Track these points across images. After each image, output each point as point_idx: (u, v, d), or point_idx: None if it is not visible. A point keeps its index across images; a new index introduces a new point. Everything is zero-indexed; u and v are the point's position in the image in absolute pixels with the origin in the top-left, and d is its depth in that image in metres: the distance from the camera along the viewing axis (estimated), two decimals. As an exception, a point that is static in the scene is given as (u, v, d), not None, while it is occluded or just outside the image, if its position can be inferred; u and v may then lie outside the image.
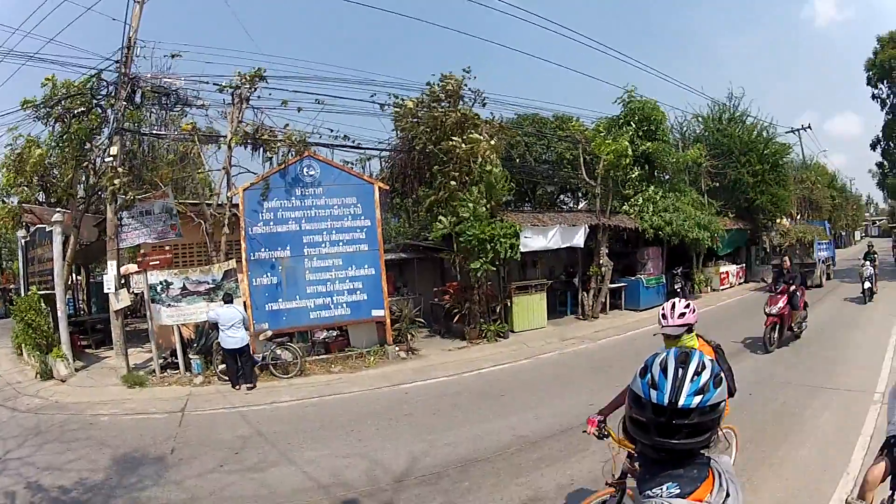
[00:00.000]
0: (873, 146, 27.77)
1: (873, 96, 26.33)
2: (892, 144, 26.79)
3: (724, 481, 1.73)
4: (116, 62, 12.96)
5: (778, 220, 32.41)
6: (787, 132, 40.70)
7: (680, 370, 1.71)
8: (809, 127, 43.68)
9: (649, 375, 1.76)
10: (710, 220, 21.79)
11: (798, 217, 39.34)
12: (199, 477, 6.58)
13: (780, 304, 12.58)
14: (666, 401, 1.67)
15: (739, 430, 5.85)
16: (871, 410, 8.20)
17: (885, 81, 25.35)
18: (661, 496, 1.67)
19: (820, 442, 7.26)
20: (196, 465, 7.00)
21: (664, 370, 1.73)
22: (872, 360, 11.26)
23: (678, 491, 1.66)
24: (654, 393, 1.70)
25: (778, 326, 12.63)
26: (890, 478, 4.19)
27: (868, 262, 19.10)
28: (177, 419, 9.16)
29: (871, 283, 18.65)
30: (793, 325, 13.25)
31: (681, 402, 1.66)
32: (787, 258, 15.61)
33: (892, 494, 4.14)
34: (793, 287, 13.04)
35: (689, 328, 4.68)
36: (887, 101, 25.96)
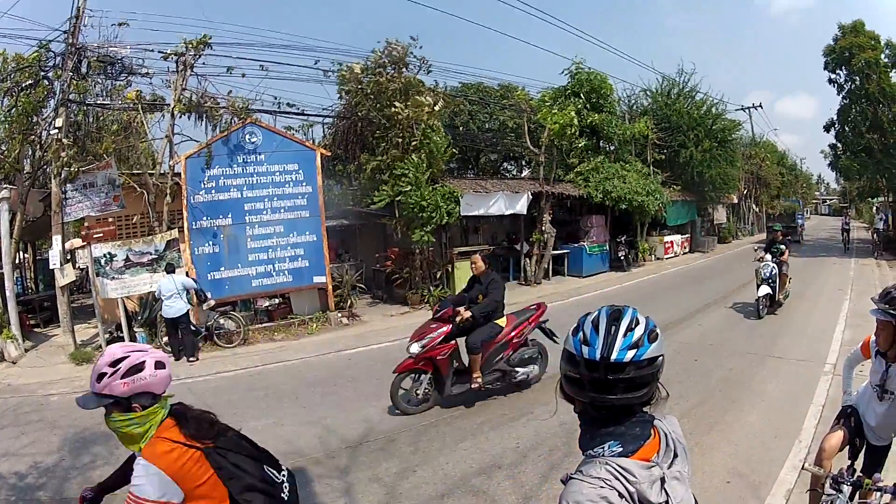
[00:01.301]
0: (827, 128, 28.48)
1: (830, 80, 26.93)
2: (846, 128, 27.46)
3: (672, 442, 1.72)
4: (65, 32, 12.69)
5: (725, 195, 33.23)
6: (737, 110, 41.70)
7: (612, 326, 1.68)
8: (760, 106, 44.78)
9: (581, 332, 1.72)
10: (655, 188, 22.21)
11: (745, 192, 40.32)
12: None
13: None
14: (598, 356, 1.64)
15: (685, 396, 6.04)
16: (821, 380, 8.26)
17: (843, 67, 25.95)
18: (603, 454, 1.63)
19: (769, 409, 7.32)
20: None
21: (596, 327, 1.70)
22: (823, 331, 11.33)
23: (621, 449, 1.63)
24: (586, 349, 1.67)
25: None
26: (848, 448, 4.16)
27: (770, 257, 13.27)
28: None
29: (773, 288, 12.82)
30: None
31: (613, 357, 1.63)
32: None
33: (852, 464, 4.14)
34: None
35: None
36: (844, 86, 26.60)
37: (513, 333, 7.85)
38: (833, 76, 26.78)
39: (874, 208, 41.56)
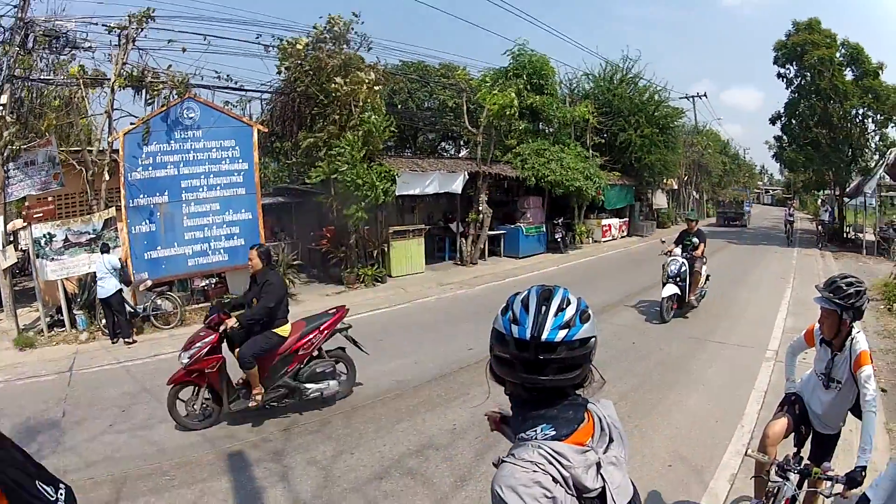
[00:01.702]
0: (773, 121, 29.35)
1: (779, 75, 27.83)
2: (793, 121, 28.31)
3: (606, 426, 1.69)
4: (14, 7, 12.38)
5: (665, 181, 34.10)
6: (681, 98, 42.66)
7: (543, 306, 1.64)
8: (705, 95, 46.13)
9: (510, 312, 1.68)
10: (593, 171, 22.69)
11: (686, 178, 41.37)
12: (91, 440, 6.52)
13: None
14: (528, 335, 1.60)
15: (623, 378, 6.12)
16: (763, 366, 8.40)
17: (794, 63, 26.74)
18: (535, 438, 1.60)
19: (710, 393, 7.37)
20: (87, 427, 6.91)
21: (525, 306, 1.66)
22: (765, 317, 11.55)
23: (554, 433, 1.60)
24: (515, 328, 1.63)
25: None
26: (793, 435, 4.18)
27: (679, 251, 11.84)
28: (65, 379, 8.98)
29: (681, 287, 11.30)
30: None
31: (544, 336, 1.59)
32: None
33: (798, 451, 4.14)
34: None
35: None
36: (794, 80, 27.46)
37: (299, 344, 6.85)
38: (783, 70, 27.69)
39: (819, 200, 42.85)
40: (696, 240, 11.99)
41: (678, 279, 11.26)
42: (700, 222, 15.18)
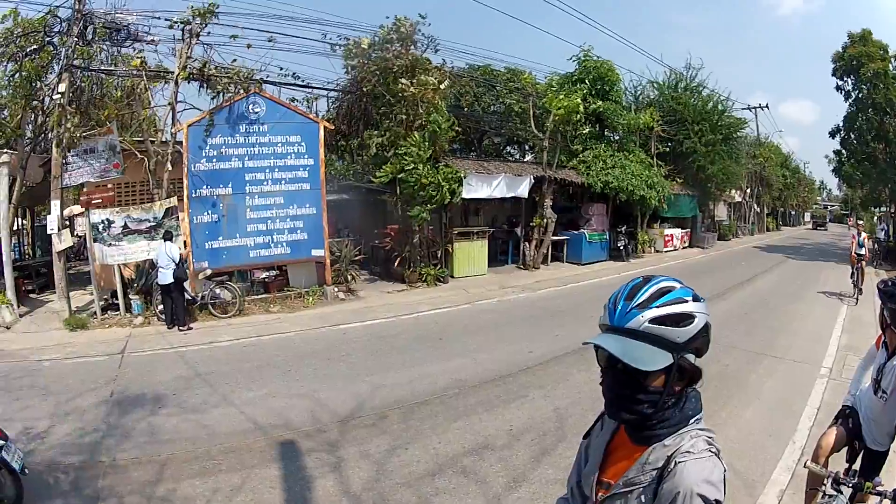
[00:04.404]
0: (832, 134, 28.66)
1: (837, 87, 27.18)
2: (851, 135, 27.63)
3: None
4: None
5: (727, 192, 33.23)
6: (743, 109, 41.61)
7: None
8: (767, 106, 44.70)
9: None
10: (657, 180, 22.18)
11: (748, 191, 40.32)
12: (139, 421, 6.50)
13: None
14: None
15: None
16: (817, 383, 8.23)
17: (851, 75, 26.09)
18: (697, 425, 1.54)
19: (764, 408, 7.25)
20: (136, 408, 6.90)
21: None
22: (821, 334, 11.29)
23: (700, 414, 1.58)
24: None
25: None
26: (846, 449, 4.09)
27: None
28: (117, 361, 9.03)
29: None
30: None
31: None
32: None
33: (850, 467, 3.99)
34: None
35: None
36: (851, 93, 26.77)
37: None
38: (840, 83, 26.95)
39: (875, 217, 41.64)
40: None
41: None
42: (754, 235, 15.66)
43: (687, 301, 1.50)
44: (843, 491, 3.48)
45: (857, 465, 4.02)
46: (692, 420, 1.52)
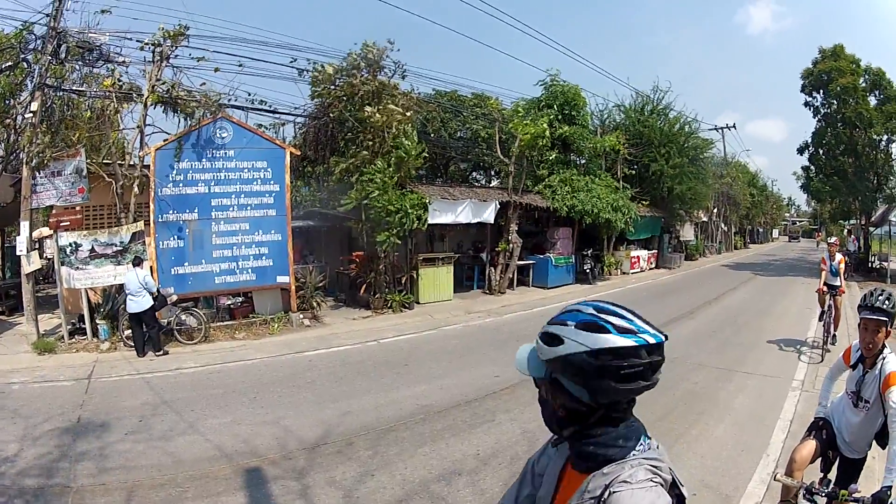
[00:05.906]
0: (801, 151, 29.20)
1: (806, 104, 27.70)
2: (820, 150, 28.16)
3: None
4: (47, 15, 12.50)
5: (694, 212, 33.73)
6: (710, 129, 42.41)
7: (625, 310, 1.55)
8: (734, 126, 45.68)
9: (614, 325, 1.49)
10: (623, 203, 22.47)
11: (715, 211, 40.96)
12: (105, 447, 6.50)
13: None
14: (661, 335, 1.51)
15: (650, 408, 5.98)
16: (789, 396, 8.36)
17: (820, 90, 26.59)
18: (643, 452, 1.54)
19: (736, 423, 7.36)
20: (103, 434, 6.91)
21: (621, 315, 1.52)
22: (791, 348, 11.59)
23: (649, 440, 1.60)
24: (647, 334, 1.48)
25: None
26: (820, 460, 4.17)
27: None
28: (84, 386, 9.01)
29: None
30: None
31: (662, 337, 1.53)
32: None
33: (825, 476, 4.15)
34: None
35: None
36: (820, 109, 27.28)
37: None
38: (809, 99, 27.48)
39: (845, 230, 42.40)
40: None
41: None
42: (721, 254, 15.47)
43: (568, 325, 1.50)
44: (816, 501, 3.59)
45: (831, 475, 4.19)
46: (635, 450, 1.50)
